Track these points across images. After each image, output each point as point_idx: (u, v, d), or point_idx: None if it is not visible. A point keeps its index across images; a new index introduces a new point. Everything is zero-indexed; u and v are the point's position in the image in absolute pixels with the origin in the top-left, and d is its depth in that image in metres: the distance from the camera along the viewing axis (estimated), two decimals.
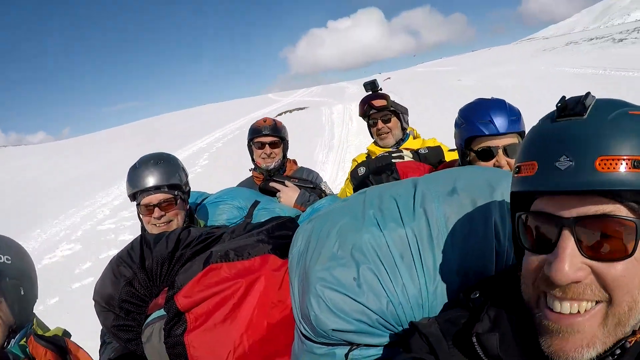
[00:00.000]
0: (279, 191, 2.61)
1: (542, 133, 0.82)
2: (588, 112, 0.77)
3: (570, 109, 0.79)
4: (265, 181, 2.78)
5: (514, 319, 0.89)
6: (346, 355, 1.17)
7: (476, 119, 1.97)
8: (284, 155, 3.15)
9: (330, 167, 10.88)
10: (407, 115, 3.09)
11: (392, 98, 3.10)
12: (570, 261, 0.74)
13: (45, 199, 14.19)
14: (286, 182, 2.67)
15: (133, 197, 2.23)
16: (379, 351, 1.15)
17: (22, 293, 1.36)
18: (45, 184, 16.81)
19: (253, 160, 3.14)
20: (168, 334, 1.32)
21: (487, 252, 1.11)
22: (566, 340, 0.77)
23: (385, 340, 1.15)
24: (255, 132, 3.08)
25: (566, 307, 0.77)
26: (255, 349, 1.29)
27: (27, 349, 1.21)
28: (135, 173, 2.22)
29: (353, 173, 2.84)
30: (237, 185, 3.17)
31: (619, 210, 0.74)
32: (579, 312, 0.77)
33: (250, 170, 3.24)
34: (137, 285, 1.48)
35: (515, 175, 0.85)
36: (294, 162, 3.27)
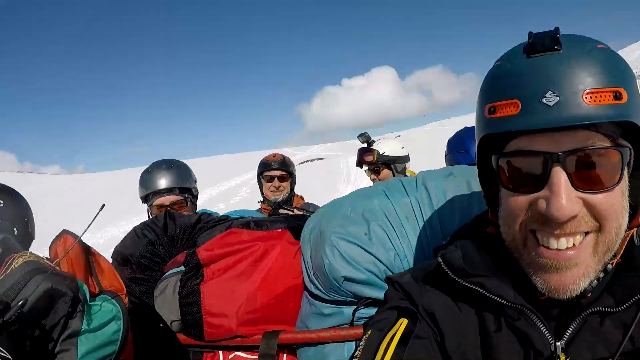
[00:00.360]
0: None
1: (519, 70, 0.78)
2: (562, 46, 0.76)
3: (545, 44, 0.77)
4: (274, 210, 2.95)
5: (479, 244, 0.91)
6: (353, 313, 1.24)
7: (456, 150, 2.30)
8: (292, 189, 3.33)
9: None
10: (405, 162, 3.37)
11: (398, 148, 3.39)
12: (567, 196, 0.74)
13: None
14: (294, 211, 2.86)
15: (145, 199, 2.37)
16: None
17: (16, 233, 1.46)
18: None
19: (262, 192, 3.31)
20: (185, 284, 1.38)
21: None
22: (565, 274, 0.78)
23: None
24: (265, 165, 3.28)
25: (562, 243, 0.77)
26: (265, 307, 1.36)
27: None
28: (148, 176, 2.38)
29: None
30: None
31: (604, 141, 0.76)
32: (574, 245, 0.77)
33: (258, 203, 3.39)
34: (158, 246, 1.56)
35: (490, 116, 0.81)
36: (301, 197, 3.43)
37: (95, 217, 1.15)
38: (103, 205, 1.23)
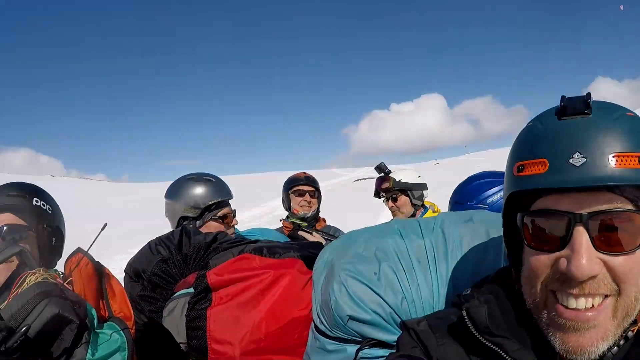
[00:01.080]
0: (306, 239, 2.76)
1: (548, 131, 0.82)
2: (592, 111, 0.80)
3: (575, 107, 0.81)
4: (294, 230, 2.98)
5: (503, 302, 0.91)
6: (357, 352, 1.21)
7: (453, 198, 2.30)
8: (318, 208, 3.37)
9: None
10: (422, 190, 3.38)
11: (415, 176, 3.44)
12: (588, 256, 0.75)
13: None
14: (313, 233, 2.85)
15: (208, 208, 2.23)
16: (387, 352, 1.19)
17: (53, 244, 1.46)
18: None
19: (289, 208, 3.33)
20: (192, 307, 1.39)
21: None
22: (583, 335, 0.78)
23: (395, 338, 1.17)
24: (295, 180, 3.33)
25: (582, 302, 0.78)
26: (270, 337, 1.35)
27: (61, 274, 1.27)
28: (215, 185, 2.29)
29: None
30: None
31: (627, 204, 0.77)
32: (592, 306, 0.78)
33: (280, 221, 3.43)
34: (170, 264, 1.57)
35: (518, 174, 0.84)
36: (324, 219, 3.47)
37: (98, 236, 1.17)
38: (105, 225, 1.26)
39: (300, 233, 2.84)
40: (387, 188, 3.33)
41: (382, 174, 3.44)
